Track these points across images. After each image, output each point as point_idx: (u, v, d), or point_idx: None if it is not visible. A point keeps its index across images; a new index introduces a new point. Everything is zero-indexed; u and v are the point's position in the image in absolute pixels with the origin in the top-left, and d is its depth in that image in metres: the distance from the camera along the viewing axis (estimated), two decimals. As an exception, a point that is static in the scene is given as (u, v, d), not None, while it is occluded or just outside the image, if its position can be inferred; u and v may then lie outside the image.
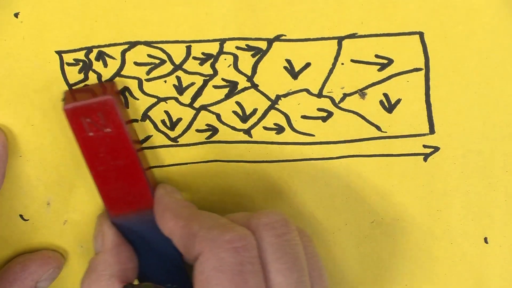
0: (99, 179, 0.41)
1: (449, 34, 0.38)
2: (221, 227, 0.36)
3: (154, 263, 0.43)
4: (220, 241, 0.35)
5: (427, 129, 0.41)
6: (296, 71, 0.40)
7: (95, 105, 0.39)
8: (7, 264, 0.45)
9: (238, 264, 0.35)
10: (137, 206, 0.41)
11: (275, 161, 0.43)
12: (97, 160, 0.40)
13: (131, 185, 0.41)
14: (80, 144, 0.40)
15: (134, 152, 0.40)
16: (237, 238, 0.35)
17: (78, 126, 0.39)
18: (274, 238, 0.36)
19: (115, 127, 0.39)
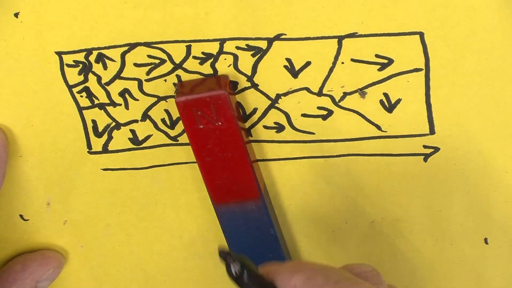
0: (205, 170, 0.41)
1: (449, 34, 0.38)
2: (348, 281, 0.34)
3: (252, 251, 0.43)
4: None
5: (427, 129, 0.41)
6: (296, 70, 0.40)
7: (208, 99, 0.39)
8: (7, 264, 0.45)
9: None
10: (241, 197, 0.42)
11: (275, 159, 0.43)
12: (205, 151, 0.40)
13: (237, 176, 0.41)
14: (190, 135, 0.40)
15: (243, 145, 0.40)
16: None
17: (189, 118, 0.40)
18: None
19: (226, 121, 0.39)
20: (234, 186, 0.42)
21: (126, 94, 0.41)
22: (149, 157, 0.43)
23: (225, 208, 0.42)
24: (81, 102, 0.41)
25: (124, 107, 0.42)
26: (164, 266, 0.47)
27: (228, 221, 0.43)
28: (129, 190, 0.44)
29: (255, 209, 0.42)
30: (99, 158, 0.43)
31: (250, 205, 0.42)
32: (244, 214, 0.42)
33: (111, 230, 0.46)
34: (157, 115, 0.42)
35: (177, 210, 0.45)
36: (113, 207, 0.45)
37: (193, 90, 0.39)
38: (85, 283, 0.48)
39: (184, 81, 0.40)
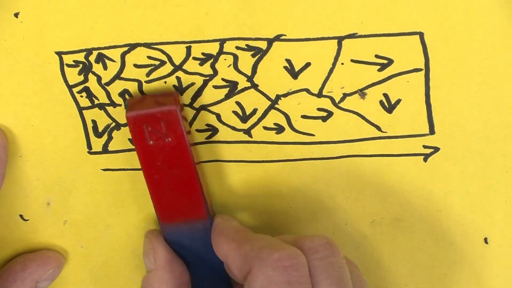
0: (153, 187, 0.41)
1: (449, 34, 0.38)
2: (271, 246, 0.36)
3: (201, 274, 0.43)
4: (269, 259, 0.35)
5: (427, 129, 0.41)
6: (296, 71, 0.40)
7: (158, 114, 0.39)
8: (7, 264, 0.45)
9: (286, 283, 0.35)
10: (189, 216, 0.42)
11: (275, 161, 0.43)
12: (154, 168, 0.40)
13: (185, 195, 0.41)
14: (139, 152, 0.40)
15: (192, 164, 0.40)
16: (285, 257, 0.35)
17: (139, 134, 0.39)
18: (318, 261, 0.36)
19: (176, 137, 0.39)
20: (182, 205, 0.41)
21: (126, 94, 0.41)
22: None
23: (172, 228, 0.42)
24: (81, 102, 0.41)
25: (124, 107, 0.41)
26: (164, 266, 0.47)
27: (175, 241, 0.42)
28: (129, 190, 0.44)
29: (201, 229, 0.42)
30: (99, 158, 0.43)
31: (197, 224, 0.41)
32: (191, 233, 0.42)
33: (111, 230, 0.46)
34: (157, 115, 0.42)
35: (177, 210, 0.45)
36: (113, 208, 0.45)
37: (144, 105, 0.39)
38: (85, 283, 0.48)
39: (135, 97, 0.40)
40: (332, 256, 0.37)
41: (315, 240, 0.37)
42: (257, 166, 0.43)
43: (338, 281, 0.36)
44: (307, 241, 0.37)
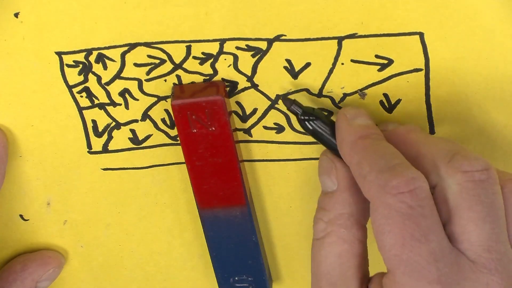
0: (194, 174, 0.41)
1: (449, 34, 0.38)
2: (390, 171, 0.34)
3: (233, 256, 0.44)
4: (387, 187, 0.34)
5: (427, 129, 0.41)
6: (296, 71, 0.40)
7: (204, 104, 0.39)
8: (7, 264, 0.45)
9: (407, 208, 0.33)
10: (228, 202, 0.42)
11: (275, 160, 0.43)
12: (196, 155, 0.41)
13: (225, 181, 0.41)
14: (182, 139, 0.40)
15: (234, 152, 0.41)
16: (403, 184, 0.33)
17: (183, 122, 0.40)
18: (470, 183, 0.34)
19: (219, 127, 0.40)
20: (221, 192, 0.42)
21: (126, 94, 0.41)
22: (149, 157, 0.43)
23: (210, 213, 0.43)
24: (81, 102, 0.41)
25: (124, 107, 0.41)
26: (164, 266, 0.47)
27: (212, 226, 0.43)
28: (129, 190, 0.44)
29: (239, 215, 0.42)
30: (99, 158, 0.43)
31: (235, 211, 0.42)
32: (228, 219, 0.43)
33: (111, 230, 0.46)
34: (157, 115, 0.42)
35: (177, 210, 0.45)
36: (113, 207, 0.45)
37: (189, 94, 0.39)
38: (85, 283, 0.48)
39: (181, 85, 0.40)
40: (486, 181, 0.34)
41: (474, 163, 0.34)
42: (257, 166, 0.43)
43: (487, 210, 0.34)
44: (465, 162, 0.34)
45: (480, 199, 0.34)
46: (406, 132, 0.38)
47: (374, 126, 0.38)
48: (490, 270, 0.33)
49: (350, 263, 0.37)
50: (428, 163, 0.35)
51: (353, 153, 0.36)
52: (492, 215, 0.34)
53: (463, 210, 0.34)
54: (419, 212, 0.33)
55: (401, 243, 0.33)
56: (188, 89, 0.40)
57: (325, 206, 0.38)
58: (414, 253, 0.33)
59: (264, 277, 0.45)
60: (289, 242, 0.46)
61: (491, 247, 0.33)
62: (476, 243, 0.33)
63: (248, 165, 0.43)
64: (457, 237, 0.34)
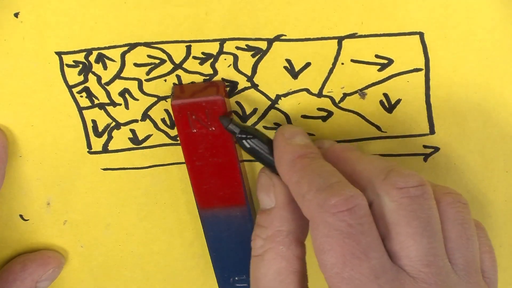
0: (194, 173, 0.41)
1: (449, 34, 0.38)
2: (328, 190, 0.34)
3: (233, 256, 0.44)
4: (326, 206, 0.34)
5: (427, 129, 0.41)
6: (296, 71, 0.40)
7: (204, 104, 0.39)
8: (7, 264, 0.45)
9: (347, 227, 0.33)
10: (228, 202, 0.42)
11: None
12: (196, 155, 0.41)
13: (225, 181, 0.41)
14: (182, 139, 0.40)
15: (234, 152, 0.40)
16: (342, 202, 0.34)
17: (183, 122, 0.40)
18: (406, 199, 0.34)
19: (219, 127, 0.40)
20: (221, 192, 0.42)
21: (126, 94, 0.41)
22: (149, 157, 0.43)
23: (209, 213, 0.43)
24: (81, 102, 0.41)
25: (124, 107, 0.41)
26: (164, 266, 0.47)
27: (212, 226, 0.43)
28: (129, 190, 0.44)
29: (239, 215, 0.42)
30: (99, 158, 0.43)
31: (235, 211, 0.42)
32: (228, 219, 0.43)
33: (111, 230, 0.46)
34: (157, 115, 0.42)
35: (177, 210, 0.45)
36: (113, 207, 0.45)
37: (189, 94, 0.39)
38: (85, 283, 0.48)
39: (181, 85, 0.40)
40: (421, 196, 0.35)
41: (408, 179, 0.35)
42: (257, 166, 0.43)
43: (424, 225, 0.34)
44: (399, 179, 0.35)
45: (417, 214, 0.34)
46: (341, 150, 0.38)
47: (312, 145, 0.38)
48: (430, 284, 0.33)
49: (289, 279, 0.37)
50: (364, 180, 0.36)
51: (291, 172, 0.37)
52: (429, 229, 0.34)
53: (400, 226, 0.34)
54: (359, 230, 0.34)
55: (342, 261, 0.33)
56: (188, 89, 0.40)
57: (263, 223, 0.38)
58: (355, 271, 0.33)
59: None
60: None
61: (430, 262, 0.34)
62: (415, 258, 0.34)
63: (248, 165, 0.43)
64: (396, 253, 0.34)
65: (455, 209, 0.36)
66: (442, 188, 0.37)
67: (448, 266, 0.35)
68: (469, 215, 0.36)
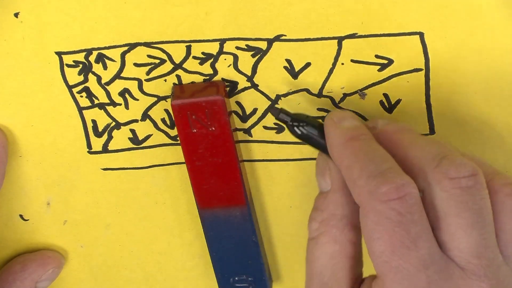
0: (194, 173, 0.41)
1: (449, 34, 0.38)
2: (379, 177, 0.34)
3: (233, 256, 0.44)
4: (376, 193, 0.33)
5: (427, 129, 0.41)
6: (296, 71, 0.40)
7: (203, 104, 0.39)
8: (7, 264, 0.45)
9: (397, 215, 0.33)
10: (228, 202, 0.42)
11: (275, 160, 0.43)
12: (196, 155, 0.41)
13: (225, 181, 0.41)
14: (182, 138, 0.40)
15: (234, 152, 0.41)
16: (393, 190, 0.33)
17: (183, 122, 0.40)
18: (457, 190, 0.34)
19: (219, 127, 0.40)
20: (221, 192, 0.42)
21: (126, 94, 0.41)
22: (149, 157, 0.43)
23: (209, 213, 0.43)
24: (81, 102, 0.41)
25: (124, 107, 0.41)
26: (164, 265, 0.47)
27: (212, 226, 0.43)
28: (129, 190, 0.44)
29: (239, 216, 0.42)
30: (99, 158, 0.43)
31: (235, 211, 0.42)
32: (228, 219, 0.43)
33: (111, 230, 0.46)
34: (157, 115, 0.42)
35: (177, 210, 0.45)
36: (113, 207, 0.45)
37: (189, 94, 0.39)
38: (85, 283, 0.48)
39: (181, 85, 0.40)
40: (473, 187, 0.34)
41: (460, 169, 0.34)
42: (257, 166, 0.43)
43: (475, 216, 0.34)
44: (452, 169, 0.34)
45: (468, 205, 0.34)
46: (394, 132, 0.37)
47: (363, 126, 0.38)
48: (479, 276, 0.33)
49: (342, 264, 0.37)
50: (415, 167, 0.35)
51: (342, 157, 0.36)
52: (481, 221, 0.34)
53: (451, 217, 0.34)
54: (409, 219, 0.33)
55: (391, 250, 0.33)
56: (188, 89, 0.40)
57: (319, 206, 0.38)
58: (403, 260, 0.33)
59: (264, 277, 0.45)
60: (289, 242, 0.46)
61: (480, 254, 0.33)
62: (465, 250, 0.33)
63: (248, 165, 0.43)
64: (446, 244, 0.34)
65: None
66: (502, 178, 0.36)
67: (499, 258, 0.34)
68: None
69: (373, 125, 0.38)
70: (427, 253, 0.33)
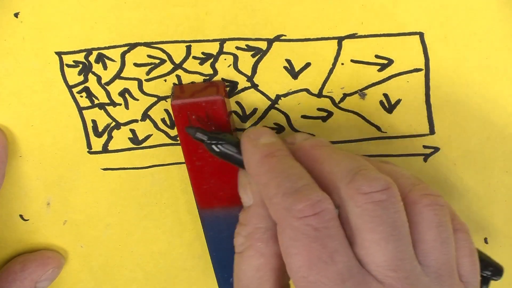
0: (194, 173, 0.41)
1: (449, 34, 0.38)
2: (295, 195, 0.34)
3: (232, 255, 0.43)
4: (292, 210, 0.34)
5: (427, 129, 0.41)
6: (296, 71, 0.40)
7: (204, 104, 0.39)
8: (7, 264, 0.45)
9: (313, 231, 0.33)
10: (228, 203, 0.42)
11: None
12: (196, 155, 0.40)
13: (225, 182, 0.41)
14: (182, 138, 0.40)
15: None
16: (309, 207, 0.34)
17: (182, 122, 0.39)
18: (370, 205, 0.34)
19: (219, 126, 0.40)
20: (221, 192, 0.42)
21: (126, 94, 0.41)
22: (149, 157, 0.43)
23: (209, 213, 0.42)
24: (81, 102, 0.41)
25: (124, 107, 0.41)
26: (164, 266, 0.47)
27: (212, 226, 0.43)
28: (129, 189, 0.44)
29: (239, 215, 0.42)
30: (99, 158, 0.43)
31: (235, 211, 0.42)
32: (228, 219, 0.42)
33: (111, 230, 0.46)
34: (157, 115, 0.42)
35: (177, 210, 0.45)
36: (113, 207, 0.45)
37: (189, 94, 0.39)
38: (85, 283, 0.48)
39: (181, 85, 0.40)
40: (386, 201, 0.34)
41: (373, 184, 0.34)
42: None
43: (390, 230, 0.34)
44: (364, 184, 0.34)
45: (382, 219, 0.34)
46: (311, 147, 0.37)
47: (279, 142, 0.38)
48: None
49: (268, 276, 0.37)
50: (331, 183, 0.35)
51: (259, 174, 0.37)
52: (395, 234, 0.34)
53: (365, 232, 0.34)
54: (325, 234, 0.33)
55: (308, 265, 0.33)
56: (188, 89, 0.40)
57: (243, 221, 0.38)
58: (321, 275, 0.33)
59: None
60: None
61: (397, 266, 0.33)
62: (381, 263, 0.34)
63: None
64: (363, 258, 0.34)
65: (432, 212, 0.35)
66: (420, 189, 0.36)
67: (418, 269, 0.34)
68: (446, 217, 0.36)
69: (292, 141, 0.39)
70: (344, 267, 0.33)
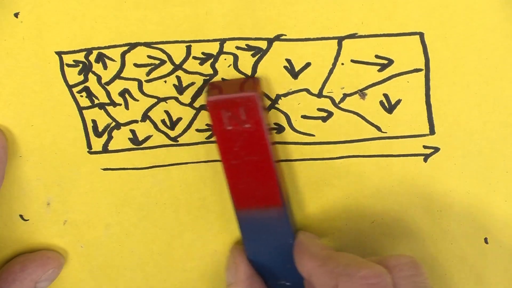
0: (230, 172, 0.41)
1: (449, 34, 0.38)
2: (358, 264, 0.37)
3: (268, 260, 0.43)
4: (356, 277, 0.36)
5: (427, 129, 0.41)
6: (296, 71, 0.40)
7: (238, 100, 0.39)
8: (6, 264, 0.45)
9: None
10: (264, 203, 0.41)
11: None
12: (231, 154, 0.40)
13: (261, 181, 0.41)
14: (217, 136, 0.40)
15: (269, 149, 0.40)
16: (372, 275, 0.36)
17: (217, 119, 0.39)
18: (402, 280, 0.37)
19: (254, 124, 0.39)
20: (257, 192, 0.41)
21: (126, 94, 0.41)
22: (149, 157, 0.43)
23: (246, 214, 0.42)
24: (81, 102, 0.41)
25: (124, 107, 0.42)
26: (164, 266, 0.47)
27: (249, 227, 0.42)
28: (129, 190, 0.44)
29: (276, 217, 0.42)
30: (99, 158, 0.43)
31: (272, 212, 0.41)
32: (265, 221, 0.42)
33: (111, 230, 0.46)
34: (157, 116, 0.42)
35: (177, 210, 0.45)
36: (113, 207, 0.45)
37: (224, 90, 0.39)
38: (85, 283, 0.48)
39: (216, 81, 0.40)
40: (416, 276, 0.37)
41: (400, 259, 0.38)
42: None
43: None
44: (392, 259, 0.38)
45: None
46: None
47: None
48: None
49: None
50: None
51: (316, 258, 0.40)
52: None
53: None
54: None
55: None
56: (223, 85, 0.39)
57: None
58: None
59: (302, 282, 0.44)
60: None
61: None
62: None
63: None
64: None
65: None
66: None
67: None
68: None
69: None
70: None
